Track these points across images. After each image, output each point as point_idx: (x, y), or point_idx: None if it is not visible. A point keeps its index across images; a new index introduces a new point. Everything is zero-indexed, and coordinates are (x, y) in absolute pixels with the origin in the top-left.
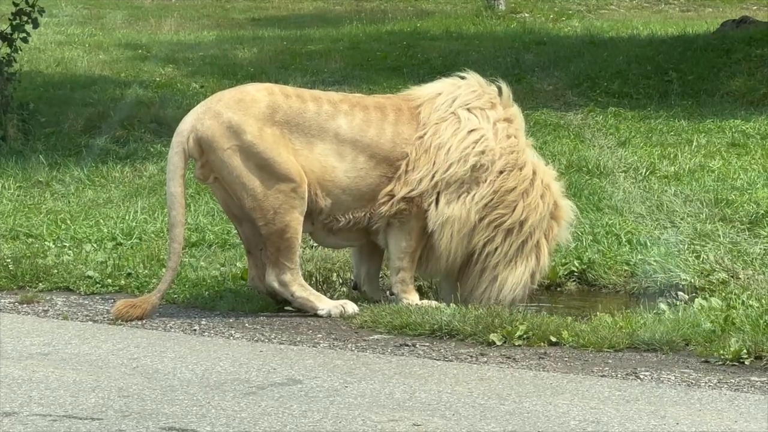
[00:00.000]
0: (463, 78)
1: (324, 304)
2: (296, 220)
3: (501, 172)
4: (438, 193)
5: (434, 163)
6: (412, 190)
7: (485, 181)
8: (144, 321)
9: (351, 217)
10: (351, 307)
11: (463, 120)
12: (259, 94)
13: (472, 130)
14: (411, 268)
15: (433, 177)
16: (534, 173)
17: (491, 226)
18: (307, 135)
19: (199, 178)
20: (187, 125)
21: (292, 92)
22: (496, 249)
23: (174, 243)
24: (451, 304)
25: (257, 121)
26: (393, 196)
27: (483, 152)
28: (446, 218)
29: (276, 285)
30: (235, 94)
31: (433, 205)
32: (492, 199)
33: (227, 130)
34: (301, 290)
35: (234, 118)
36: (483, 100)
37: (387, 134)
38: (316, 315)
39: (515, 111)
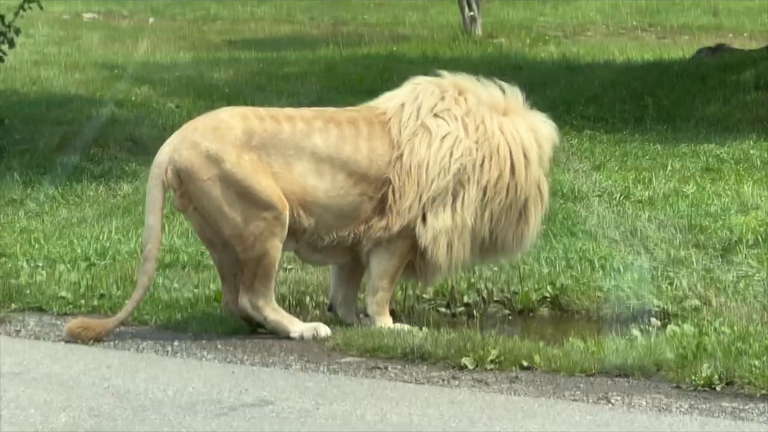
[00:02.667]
0: (417, 83)
1: (296, 327)
2: (275, 248)
3: (482, 165)
4: (424, 211)
5: (418, 184)
6: (406, 220)
7: (470, 181)
8: (115, 341)
9: (335, 235)
10: (323, 330)
11: (434, 129)
12: (233, 120)
13: (444, 137)
14: (390, 290)
15: (420, 198)
16: (509, 147)
17: (492, 215)
18: (284, 156)
19: (179, 208)
20: (164, 156)
21: (266, 114)
22: (504, 227)
23: (144, 276)
24: (423, 328)
25: (235, 149)
26: (390, 229)
27: (461, 155)
28: (437, 232)
29: (249, 308)
30: (210, 122)
31: (419, 221)
32: (484, 195)
33: (206, 159)
34: (274, 313)
35: (212, 147)
36: (445, 101)
37: (363, 151)
38: (289, 338)
39: (465, 84)
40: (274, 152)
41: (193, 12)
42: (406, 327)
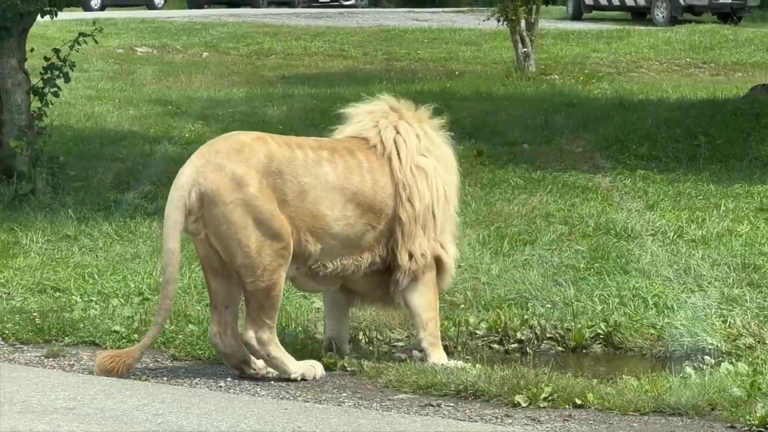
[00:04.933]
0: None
1: (296, 368)
2: (282, 279)
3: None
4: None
5: (429, 224)
6: (432, 255)
7: (448, 200)
8: (169, 377)
9: (339, 263)
10: (320, 370)
11: (426, 167)
12: (255, 144)
13: (431, 171)
14: (438, 318)
15: (435, 234)
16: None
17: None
18: (299, 183)
19: (192, 232)
20: (186, 179)
21: (280, 140)
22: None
23: (166, 299)
24: (476, 365)
25: (257, 174)
26: (419, 266)
27: (444, 182)
28: (455, 254)
29: (254, 342)
30: (233, 144)
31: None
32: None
33: (231, 182)
34: (277, 350)
35: (237, 170)
36: (422, 141)
37: (368, 182)
38: (289, 379)
39: (396, 105)
40: (289, 179)
41: (247, 47)
42: (459, 363)
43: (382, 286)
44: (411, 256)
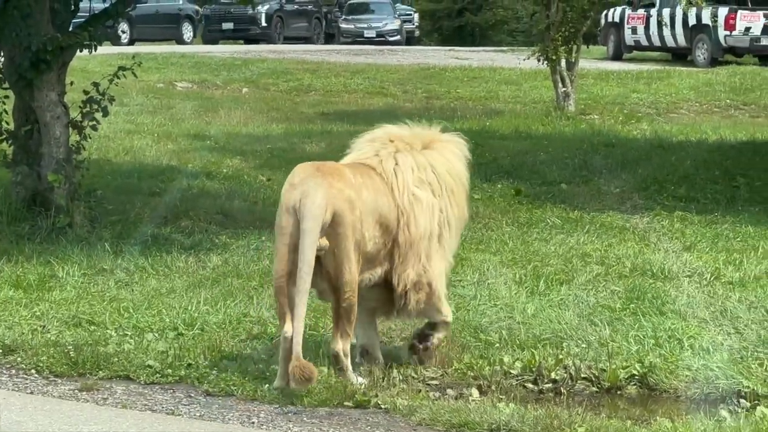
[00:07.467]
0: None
1: (357, 380)
2: None
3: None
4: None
5: (423, 250)
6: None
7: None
8: (201, 413)
9: (363, 275)
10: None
11: (422, 197)
12: (342, 167)
13: (427, 202)
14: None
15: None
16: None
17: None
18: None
19: (322, 248)
20: (322, 199)
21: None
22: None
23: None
24: (509, 404)
25: (357, 199)
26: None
27: (440, 212)
28: (441, 271)
29: (341, 354)
30: (332, 170)
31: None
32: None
33: (349, 204)
34: (348, 362)
35: (351, 194)
36: (416, 172)
37: (386, 204)
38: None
39: (398, 132)
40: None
41: (287, 83)
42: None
43: (381, 299)
44: (407, 278)
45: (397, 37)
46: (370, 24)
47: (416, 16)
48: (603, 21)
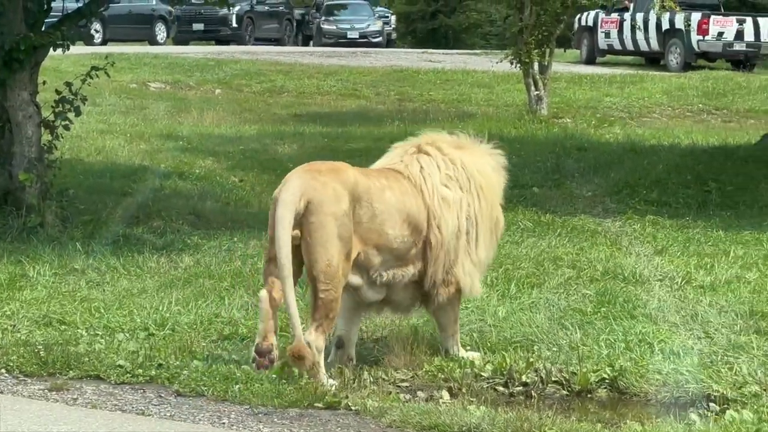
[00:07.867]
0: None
1: (327, 381)
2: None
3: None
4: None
5: (452, 250)
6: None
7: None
8: (172, 414)
9: (392, 273)
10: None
11: (449, 198)
12: (348, 170)
13: (454, 201)
14: (458, 327)
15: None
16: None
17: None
18: (372, 208)
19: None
20: (296, 188)
21: (357, 169)
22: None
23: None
24: (480, 407)
25: (348, 195)
26: (449, 290)
27: (468, 209)
28: (471, 274)
29: (313, 344)
30: (329, 166)
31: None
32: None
33: (332, 196)
34: (321, 360)
35: (337, 187)
36: (446, 169)
37: (414, 205)
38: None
39: (434, 137)
40: (365, 204)
41: (260, 84)
42: (475, 355)
43: (413, 296)
44: (436, 275)
45: (380, 39)
46: (353, 25)
47: (393, 18)
48: (576, 25)
